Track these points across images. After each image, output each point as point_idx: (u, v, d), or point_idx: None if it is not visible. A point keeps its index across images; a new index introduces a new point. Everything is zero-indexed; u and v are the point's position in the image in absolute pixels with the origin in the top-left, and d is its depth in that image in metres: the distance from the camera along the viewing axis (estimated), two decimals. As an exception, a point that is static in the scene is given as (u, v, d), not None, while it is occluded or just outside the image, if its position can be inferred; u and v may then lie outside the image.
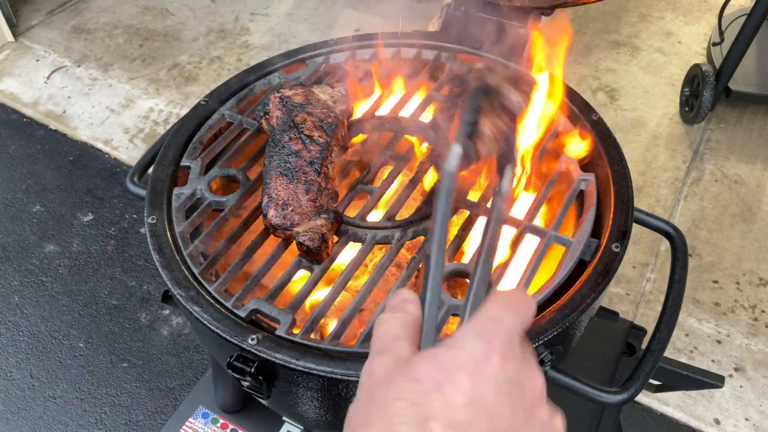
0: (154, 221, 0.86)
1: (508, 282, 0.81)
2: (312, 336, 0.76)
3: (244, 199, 0.90)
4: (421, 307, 0.46)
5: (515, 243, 0.82)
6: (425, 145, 0.96)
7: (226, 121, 1.01)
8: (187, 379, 1.68)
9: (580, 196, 0.89)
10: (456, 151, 0.56)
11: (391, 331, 0.44)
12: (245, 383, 0.75)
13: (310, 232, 0.80)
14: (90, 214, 2.08)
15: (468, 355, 0.40)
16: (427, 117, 1.00)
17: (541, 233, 0.83)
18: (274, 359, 0.71)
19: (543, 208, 0.89)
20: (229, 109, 1.02)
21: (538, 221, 0.89)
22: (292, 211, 0.81)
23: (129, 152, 2.26)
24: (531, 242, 0.84)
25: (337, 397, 0.74)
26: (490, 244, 0.52)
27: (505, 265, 0.80)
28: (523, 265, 0.81)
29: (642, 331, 1.21)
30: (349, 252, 0.84)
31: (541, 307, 0.76)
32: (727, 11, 2.15)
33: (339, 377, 0.70)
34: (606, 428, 1.10)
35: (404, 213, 0.87)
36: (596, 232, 0.83)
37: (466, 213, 0.87)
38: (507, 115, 0.66)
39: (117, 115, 2.40)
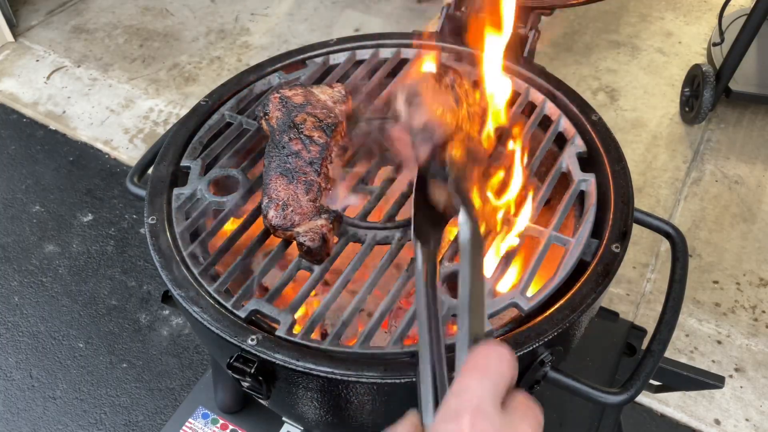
0: (154, 221, 0.86)
1: (507, 282, 0.81)
2: (312, 336, 0.75)
3: (244, 200, 0.90)
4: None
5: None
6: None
7: (226, 121, 1.01)
8: (187, 380, 1.67)
9: (581, 196, 0.89)
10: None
11: None
12: (245, 384, 0.75)
13: (311, 233, 0.80)
14: (90, 214, 2.08)
15: None
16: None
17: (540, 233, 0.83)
18: (273, 360, 0.71)
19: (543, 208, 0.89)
20: (229, 109, 1.02)
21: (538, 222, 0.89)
22: (292, 211, 0.81)
23: (129, 152, 2.26)
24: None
25: (337, 397, 0.74)
26: (476, 291, 0.52)
27: (504, 265, 0.80)
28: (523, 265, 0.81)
29: (642, 331, 1.21)
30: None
31: (541, 307, 0.76)
32: (727, 11, 2.15)
33: (339, 378, 0.70)
34: (606, 429, 1.09)
35: (405, 213, 0.87)
36: (596, 232, 0.83)
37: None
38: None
39: (117, 115, 2.40)
